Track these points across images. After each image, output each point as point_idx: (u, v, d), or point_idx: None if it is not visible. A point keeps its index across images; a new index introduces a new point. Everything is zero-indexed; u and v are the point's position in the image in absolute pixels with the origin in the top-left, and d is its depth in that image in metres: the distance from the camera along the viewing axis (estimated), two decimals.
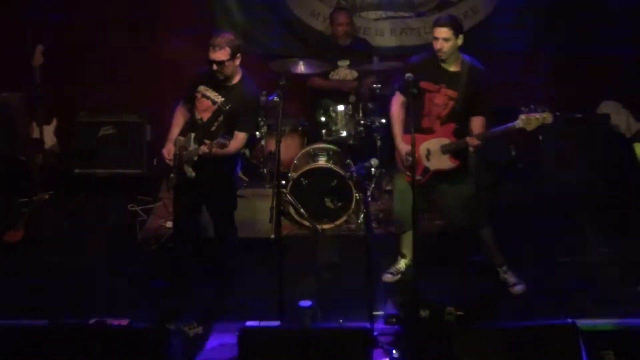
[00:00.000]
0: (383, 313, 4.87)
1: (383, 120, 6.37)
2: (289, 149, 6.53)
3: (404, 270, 5.49)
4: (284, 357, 4.00)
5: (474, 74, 5.03)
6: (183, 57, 7.19)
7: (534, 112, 4.80)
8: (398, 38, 7.45)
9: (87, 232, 6.35)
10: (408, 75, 4.77)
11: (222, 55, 4.87)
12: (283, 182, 6.14)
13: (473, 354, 3.95)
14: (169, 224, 6.03)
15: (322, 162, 6.42)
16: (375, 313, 4.70)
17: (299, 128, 6.76)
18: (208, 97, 5.04)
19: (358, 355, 3.96)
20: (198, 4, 7.42)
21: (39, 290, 5.36)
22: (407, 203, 5.19)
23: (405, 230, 5.36)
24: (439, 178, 5.13)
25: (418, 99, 4.88)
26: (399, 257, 5.53)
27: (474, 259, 5.53)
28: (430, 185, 5.14)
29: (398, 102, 5.21)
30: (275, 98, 5.35)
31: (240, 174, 5.98)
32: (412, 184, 4.64)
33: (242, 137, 5.03)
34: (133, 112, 7.25)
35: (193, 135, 5.04)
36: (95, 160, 7.13)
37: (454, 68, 5.04)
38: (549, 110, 4.81)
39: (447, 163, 5.09)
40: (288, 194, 6.23)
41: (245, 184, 6.36)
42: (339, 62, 6.83)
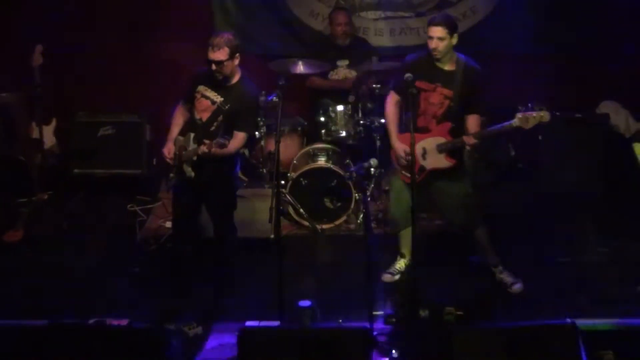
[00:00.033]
0: (382, 313, 4.87)
1: (382, 120, 6.31)
2: (289, 149, 6.53)
3: (404, 270, 5.50)
4: (284, 357, 3.99)
5: (469, 73, 5.03)
6: (182, 57, 7.18)
7: (531, 110, 4.81)
8: (397, 38, 7.44)
9: (86, 232, 6.35)
10: (408, 75, 4.76)
11: (221, 55, 4.87)
12: (282, 182, 6.14)
13: (472, 354, 3.95)
14: (169, 224, 6.03)
15: (321, 162, 6.42)
16: (375, 313, 4.70)
17: (299, 128, 6.75)
18: (207, 97, 5.04)
19: (357, 355, 3.96)
20: (197, 4, 7.42)
21: (39, 290, 5.36)
22: (401, 202, 5.22)
23: (399, 230, 5.37)
24: (435, 177, 5.13)
25: (414, 98, 4.88)
26: (399, 257, 5.53)
27: (474, 259, 5.53)
28: (427, 184, 5.14)
29: (392, 101, 5.22)
30: (275, 98, 5.36)
31: (240, 174, 5.98)
32: (411, 184, 4.65)
33: (241, 136, 5.03)
34: (132, 112, 7.25)
35: (192, 135, 5.04)
36: (95, 161, 7.13)
37: (449, 67, 5.05)
38: (546, 109, 4.81)
39: (443, 162, 5.09)
40: (287, 194, 6.24)
41: (245, 184, 6.36)
42: (338, 62, 6.83)
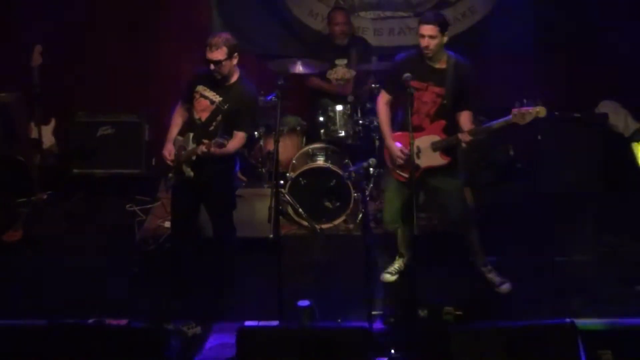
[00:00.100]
0: (381, 313, 4.86)
1: None
2: (288, 149, 6.54)
3: (402, 270, 5.50)
4: (283, 357, 3.99)
5: (460, 70, 5.02)
6: (181, 57, 7.20)
7: (527, 106, 4.79)
8: (396, 38, 7.44)
9: (85, 232, 6.35)
10: (407, 75, 4.76)
11: (219, 55, 4.87)
12: (281, 182, 6.14)
13: (471, 354, 3.95)
14: (168, 224, 6.02)
15: (320, 161, 6.42)
16: (374, 313, 4.71)
17: (298, 128, 6.75)
18: (206, 96, 5.04)
19: (357, 355, 3.96)
20: (197, 4, 7.42)
21: (38, 290, 5.36)
22: (396, 201, 5.23)
23: (394, 228, 5.38)
24: (429, 175, 5.12)
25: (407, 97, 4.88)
26: (397, 256, 5.53)
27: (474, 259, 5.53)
28: (421, 182, 5.11)
29: (383, 101, 5.21)
30: (274, 98, 5.37)
31: (239, 174, 5.98)
32: (411, 183, 4.64)
33: (241, 136, 5.02)
34: (131, 112, 7.25)
35: (192, 135, 5.04)
36: (94, 161, 7.13)
37: (440, 65, 5.04)
38: (542, 104, 4.80)
39: (438, 160, 5.08)
40: (286, 194, 6.23)
41: (244, 184, 6.36)
42: (337, 61, 6.82)
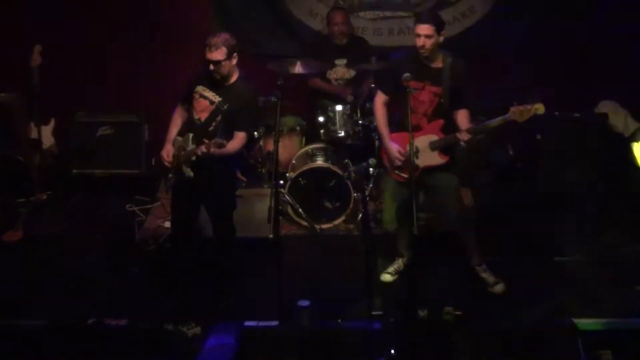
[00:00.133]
0: (381, 313, 4.86)
1: None
2: (287, 149, 6.54)
3: (402, 270, 5.49)
4: (283, 357, 4.00)
5: (456, 68, 5.02)
6: (181, 57, 7.20)
7: (526, 103, 4.79)
8: (396, 38, 7.44)
9: (85, 232, 6.33)
10: (406, 75, 4.76)
11: (218, 55, 4.87)
12: (281, 182, 6.14)
13: (471, 354, 3.95)
14: (167, 224, 6.02)
15: (320, 162, 6.42)
16: (374, 313, 4.71)
17: (297, 128, 6.75)
18: (205, 97, 5.03)
19: (356, 355, 3.96)
20: (197, 4, 7.42)
21: (38, 290, 5.35)
22: (393, 202, 5.23)
23: (390, 229, 5.39)
24: (427, 174, 5.11)
25: (404, 97, 4.88)
26: (397, 256, 5.53)
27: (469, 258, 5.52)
28: (419, 182, 5.10)
29: (380, 101, 5.21)
30: (273, 98, 5.36)
31: (239, 174, 5.98)
32: (410, 183, 4.63)
33: (241, 136, 5.02)
34: (131, 112, 7.24)
35: (191, 136, 5.03)
36: (93, 161, 7.12)
37: (436, 64, 5.04)
38: (541, 101, 4.79)
39: (436, 159, 5.08)
40: (286, 194, 6.23)
41: (244, 184, 6.36)
42: (336, 61, 6.82)
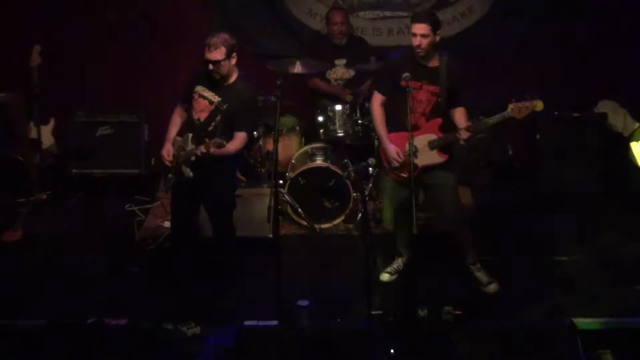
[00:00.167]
0: (381, 312, 4.86)
1: None
2: (287, 149, 6.54)
3: (402, 270, 5.49)
4: (282, 356, 4.00)
5: (453, 67, 5.02)
6: (181, 57, 7.19)
7: (524, 100, 4.78)
8: (396, 38, 7.43)
9: (84, 232, 6.34)
10: (406, 75, 4.77)
11: (217, 55, 4.87)
12: (281, 181, 6.14)
13: (471, 353, 3.96)
14: (167, 224, 6.02)
15: (319, 161, 6.41)
16: (373, 312, 4.71)
17: (297, 128, 6.75)
18: (205, 97, 5.03)
19: (356, 355, 3.96)
20: (196, 4, 7.42)
21: (37, 290, 5.35)
22: (393, 201, 5.23)
23: (390, 228, 5.39)
24: (426, 172, 5.11)
25: (402, 97, 4.88)
26: (397, 256, 5.53)
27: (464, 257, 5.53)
28: (418, 181, 5.10)
29: (377, 102, 5.20)
30: (273, 98, 5.36)
31: (238, 174, 5.98)
32: (410, 183, 4.64)
33: (241, 136, 5.01)
34: (131, 112, 7.24)
35: (191, 136, 5.03)
36: (93, 160, 7.13)
37: (433, 64, 5.04)
38: (539, 98, 4.78)
39: (435, 158, 5.08)
40: (286, 194, 6.23)
41: (243, 184, 6.36)
42: (336, 61, 6.82)
